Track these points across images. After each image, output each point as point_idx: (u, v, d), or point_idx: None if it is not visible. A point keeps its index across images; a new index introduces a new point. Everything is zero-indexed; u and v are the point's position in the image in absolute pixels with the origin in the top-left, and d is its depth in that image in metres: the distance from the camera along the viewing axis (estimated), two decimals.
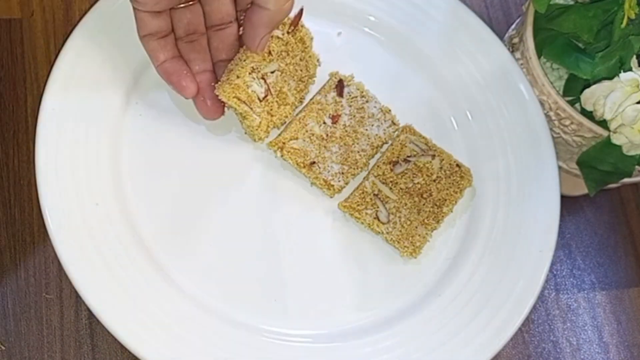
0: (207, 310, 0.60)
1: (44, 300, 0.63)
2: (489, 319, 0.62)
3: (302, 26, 0.64)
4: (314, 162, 0.65)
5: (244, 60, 0.61)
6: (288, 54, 0.64)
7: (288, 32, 0.63)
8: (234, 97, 0.60)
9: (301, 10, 0.63)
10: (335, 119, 0.66)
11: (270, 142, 0.65)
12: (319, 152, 0.65)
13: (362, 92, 0.67)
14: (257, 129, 0.63)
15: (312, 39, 0.65)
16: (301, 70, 0.66)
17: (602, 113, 0.60)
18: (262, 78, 0.62)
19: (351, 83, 0.68)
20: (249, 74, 0.61)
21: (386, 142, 0.67)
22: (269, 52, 0.62)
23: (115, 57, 0.65)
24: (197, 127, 0.66)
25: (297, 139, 0.65)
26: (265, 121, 0.64)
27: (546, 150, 0.67)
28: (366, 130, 0.67)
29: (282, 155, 0.65)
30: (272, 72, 0.63)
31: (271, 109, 0.64)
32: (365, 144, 0.66)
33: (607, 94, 0.60)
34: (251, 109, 0.62)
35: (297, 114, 0.66)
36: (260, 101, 0.62)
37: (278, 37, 0.63)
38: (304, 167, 0.64)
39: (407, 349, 0.61)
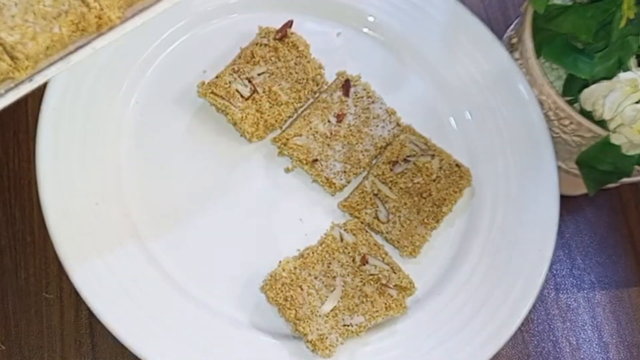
0: (207, 309, 0.61)
1: (44, 300, 0.63)
2: (489, 318, 0.62)
3: (292, 34, 0.67)
4: (316, 160, 0.65)
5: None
6: (279, 59, 0.67)
7: (275, 39, 0.67)
8: (210, 93, 0.64)
9: (290, 22, 0.67)
10: (340, 117, 0.66)
11: (274, 137, 0.66)
12: (322, 150, 0.65)
13: (369, 92, 0.68)
14: (241, 122, 0.64)
15: (307, 45, 0.68)
16: (297, 73, 0.67)
17: (601, 113, 0.60)
18: (248, 79, 0.65)
19: (358, 83, 0.68)
20: (230, 74, 0.65)
21: (390, 144, 0.67)
22: (252, 56, 0.66)
23: (116, 58, 0.65)
24: (197, 127, 0.66)
25: (300, 135, 0.65)
26: (252, 117, 0.65)
27: (545, 150, 0.67)
28: (370, 130, 0.67)
29: (285, 152, 0.65)
30: (260, 74, 0.66)
31: (260, 107, 0.65)
32: (369, 144, 0.66)
33: (606, 94, 0.60)
34: (230, 103, 0.64)
35: (302, 112, 0.67)
36: (246, 99, 0.65)
37: (265, 44, 0.67)
38: (307, 164, 0.65)
39: (406, 349, 0.61)
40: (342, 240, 0.62)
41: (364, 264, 0.62)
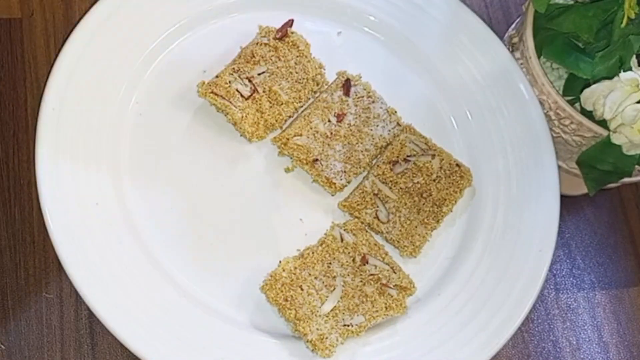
0: (207, 309, 0.61)
1: (44, 300, 0.63)
2: (489, 318, 0.62)
3: (292, 33, 0.67)
4: (316, 160, 0.65)
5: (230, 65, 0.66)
6: (279, 58, 0.66)
7: (275, 39, 0.66)
8: (210, 93, 0.64)
9: (290, 21, 0.67)
10: (340, 117, 0.66)
11: (274, 137, 0.66)
12: (323, 150, 0.65)
13: (369, 92, 0.68)
14: (241, 122, 0.64)
15: (307, 44, 0.68)
16: (297, 73, 0.67)
17: (602, 113, 0.60)
18: (248, 79, 0.65)
19: (358, 83, 0.68)
20: (230, 74, 0.65)
21: (390, 143, 0.67)
22: (252, 56, 0.65)
23: (115, 57, 0.65)
24: (197, 127, 0.66)
25: (301, 135, 0.65)
26: (252, 117, 0.65)
27: (546, 150, 0.67)
28: (371, 130, 0.67)
29: (285, 151, 0.65)
30: (260, 74, 0.65)
31: (260, 107, 0.65)
32: (369, 144, 0.66)
33: (607, 94, 0.60)
34: (230, 102, 0.64)
35: (302, 111, 0.67)
36: (246, 99, 0.64)
37: (265, 44, 0.66)
38: (307, 163, 0.65)
39: (407, 349, 0.61)
40: (342, 240, 0.62)
41: (364, 264, 0.62)
